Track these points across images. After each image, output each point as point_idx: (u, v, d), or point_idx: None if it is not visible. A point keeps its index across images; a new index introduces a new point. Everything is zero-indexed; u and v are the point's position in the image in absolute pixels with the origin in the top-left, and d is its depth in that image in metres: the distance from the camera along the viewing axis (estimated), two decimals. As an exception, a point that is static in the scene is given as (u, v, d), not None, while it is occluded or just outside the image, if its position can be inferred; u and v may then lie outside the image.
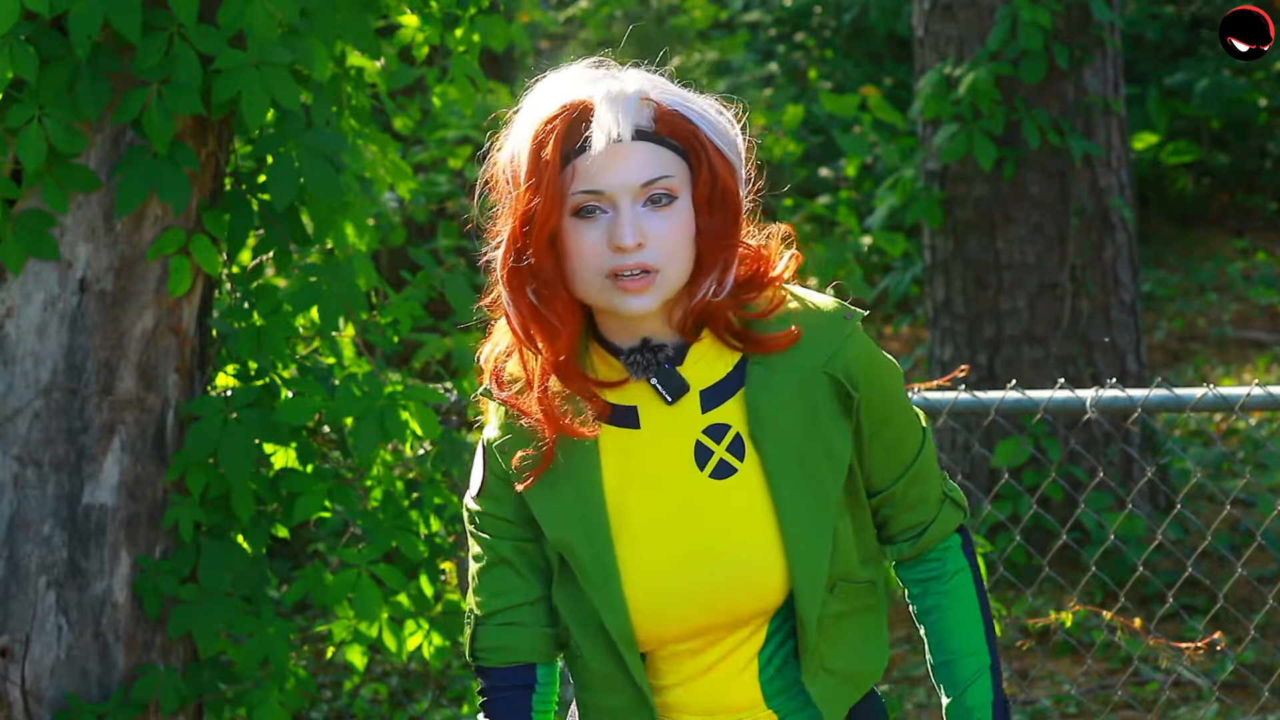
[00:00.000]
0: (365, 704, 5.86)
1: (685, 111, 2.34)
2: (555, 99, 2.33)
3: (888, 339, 9.61)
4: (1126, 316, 6.92)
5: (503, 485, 2.42)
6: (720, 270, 2.36)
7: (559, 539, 2.37)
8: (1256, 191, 10.69)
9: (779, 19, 11.13)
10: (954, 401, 4.39)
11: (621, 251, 2.29)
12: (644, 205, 2.31)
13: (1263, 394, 4.25)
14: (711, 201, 2.34)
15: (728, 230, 2.35)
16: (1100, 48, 6.84)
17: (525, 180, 2.31)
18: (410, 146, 8.31)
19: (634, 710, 2.40)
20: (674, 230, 2.31)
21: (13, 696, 3.92)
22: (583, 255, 2.31)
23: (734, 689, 2.41)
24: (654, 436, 2.38)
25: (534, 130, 2.32)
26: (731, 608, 2.37)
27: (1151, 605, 6.20)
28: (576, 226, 2.31)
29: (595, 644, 2.38)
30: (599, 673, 2.40)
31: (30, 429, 3.92)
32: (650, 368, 2.37)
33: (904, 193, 7.05)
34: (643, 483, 2.37)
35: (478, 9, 4.51)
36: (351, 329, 4.26)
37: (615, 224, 2.30)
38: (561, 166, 2.30)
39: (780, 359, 2.39)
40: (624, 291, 2.30)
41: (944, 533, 2.51)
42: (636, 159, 2.30)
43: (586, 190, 2.30)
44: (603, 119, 2.29)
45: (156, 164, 3.81)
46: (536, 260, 2.31)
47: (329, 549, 6.06)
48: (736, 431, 2.38)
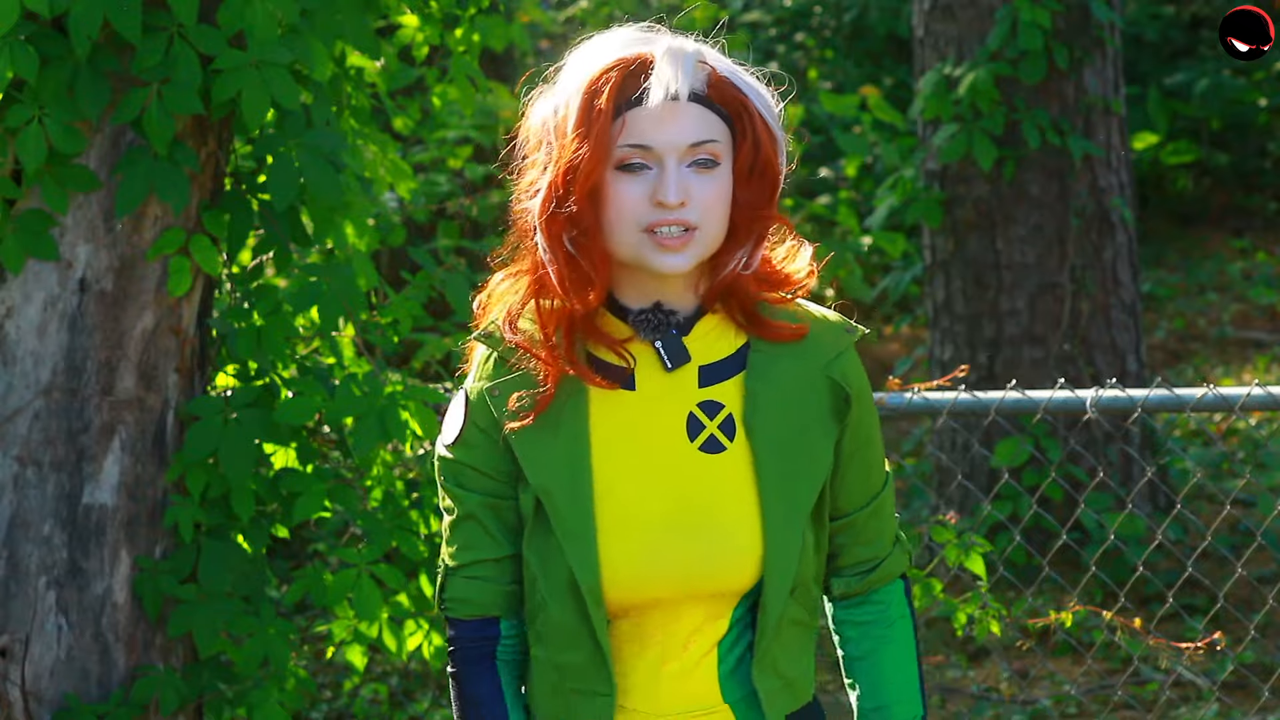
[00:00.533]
0: (365, 704, 5.86)
1: (736, 80, 2.36)
2: (611, 52, 2.35)
3: (888, 339, 9.61)
4: (1126, 316, 6.92)
5: (482, 436, 2.41)
6: (753, 242, 2.38)
7: (540, 484, 2.36)
8: (1256, 191, 10.69)
9: (779, 19, 11.13)
10: (954, 401, 4.39)
11: (663, 208, 2.31)
12: (688, 166, 2.32)
13: (1263, 394, 4.25)
14: (752, 172, 2.36)
15: (764, 202, 2.37)
16: (1100, 48, 6.84)
17: (574, 129, 2.32)
18: (410, 146, 8.31)
19: (591, 668, 2.39)
20: (715, 194, 2.33)
21: (13, 696, 3.92)
22: (622, 209, 2.32)
23: (692, 681, 2.41)
24: (648, 400, 2.39)
25: (588, 80, 2.33)
26: (701, 581, 2.36)
27: (1151, 605, 6.19)
28: (619, 179, 2.32)
29: (562, 597, 2.37)
30: (562, 627, 2.39)
31: (30, 429, 3.92)
32: (659, 329, 2.38)
33: (904, 193, 7.05)
34: (631, 443, 2.38)
35: (478, 9, 4.51)
36: (351, 329, 4.26)
37: (661, 180, 2.31)
38: (613, 118, 2.31)
39: (783, 352, 2.41)
40: (661, 248, 2.32)
41: (891, 574, 2.51)
42: (688, 119, 2.32)
43: (635, 144, 2.31)
44: (663, 74, 2.31)
45: (156, 164, 3.81)
46: (579, 209, 2.32)
47: (329, 549, 6.06)
48: (730, 412, 2.39)
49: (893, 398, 4.38)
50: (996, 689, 5.94)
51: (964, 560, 4.16)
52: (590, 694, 2.40)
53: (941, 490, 6.84)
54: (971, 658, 6.21)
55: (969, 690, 5.91)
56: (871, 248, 9.01)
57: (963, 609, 4.19)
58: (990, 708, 5.76)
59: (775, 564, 2.37)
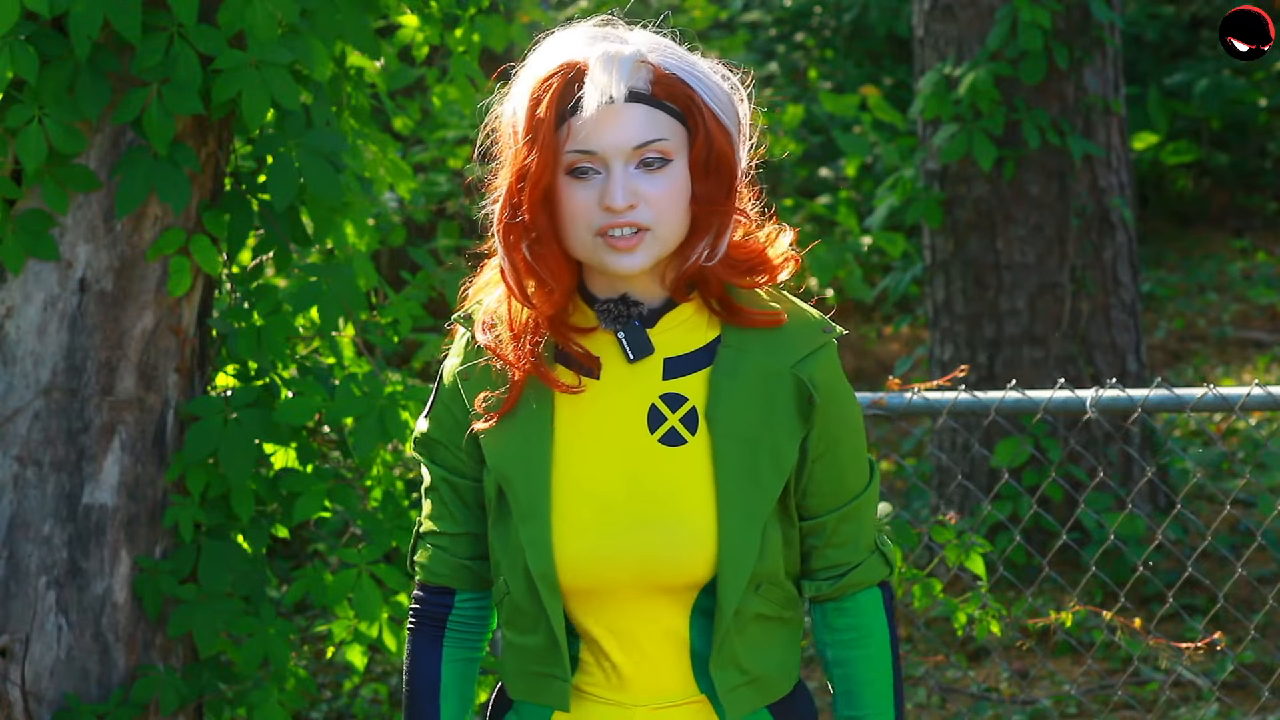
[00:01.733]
0: (365, 704, 5.86)
1: (683, 75, 2.36)
2: (555, 58, 2.37)
3: (888, 339, 9.61)
4: (1126, 316, 6.92)
5: (448, 412, 2.47)
6: (714, 234, 2.39)
7: (500, 470, 2.41)
8: (1256, 191, 10.69)
9: (779, 19, 11.12)
10: (954, 401, 4.39)
11: (612, 212, 2.33)
12: (636, 167, 2.34)
13: (1263, 394, 4.25)
14: (707, 166, 2.37)
15: (722, 195, 2.38)
16: (1100, 48, 6.84)
17: (523, 137, 2.35)
18: (410, 146, 8.31)
19: (549, 652, 2.42)
20: (666, 192, 2.34)
21: (13, 696, 3.92)
22: (574, 214, 2.34)
23: (666, 673, 2.43)
24: (610, 391, 2.41)
25: (532, 88, 2.35)
26: (656, 572, 2.38)
27: (1151, 605, 6.19)
28: (570, 185, 2.35)
29: (520, 582, 2.41)
30: (523, 611, 2.43)
31: (30, 429, 3.92)
32: (620, 319, 2.41)
33: (904, 193, 7.05)
34: (592, 433, 2.40)
35: (478, 9, 4.51)
36: (351, 329, 4.26)
37: (607, 185, 2.33)
38: (557, 125, 2.33)
39: (754, 347, 2.42)
40: (614, 249, 2.34)
41: (866, 581, 2.50)
42: (630, 121, 2.33)
43: (579, 150, 2.33)
44: (596, 80, 2.32)
45: (156, 164, 3.81)
46: (530, 217, 2.35)
47: (329, 549, 6.06)
48: (693, 406, 2.40)
49: (893, 398, 4.38)
50: (996, 689, 5.94)
51: (964, 560, 4.16)
52: (549, 677, 2.43)
53: (941, 490, 6.84)
54: (971, 658, 6.21)
55: (969, 690, 5.91)
56: (871, 248, 9.01)
57: (963, 609, 4.19)
58: (990, 708, 5.76)
59: (730, 558, 2.37)
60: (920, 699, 5.88)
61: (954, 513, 4.33)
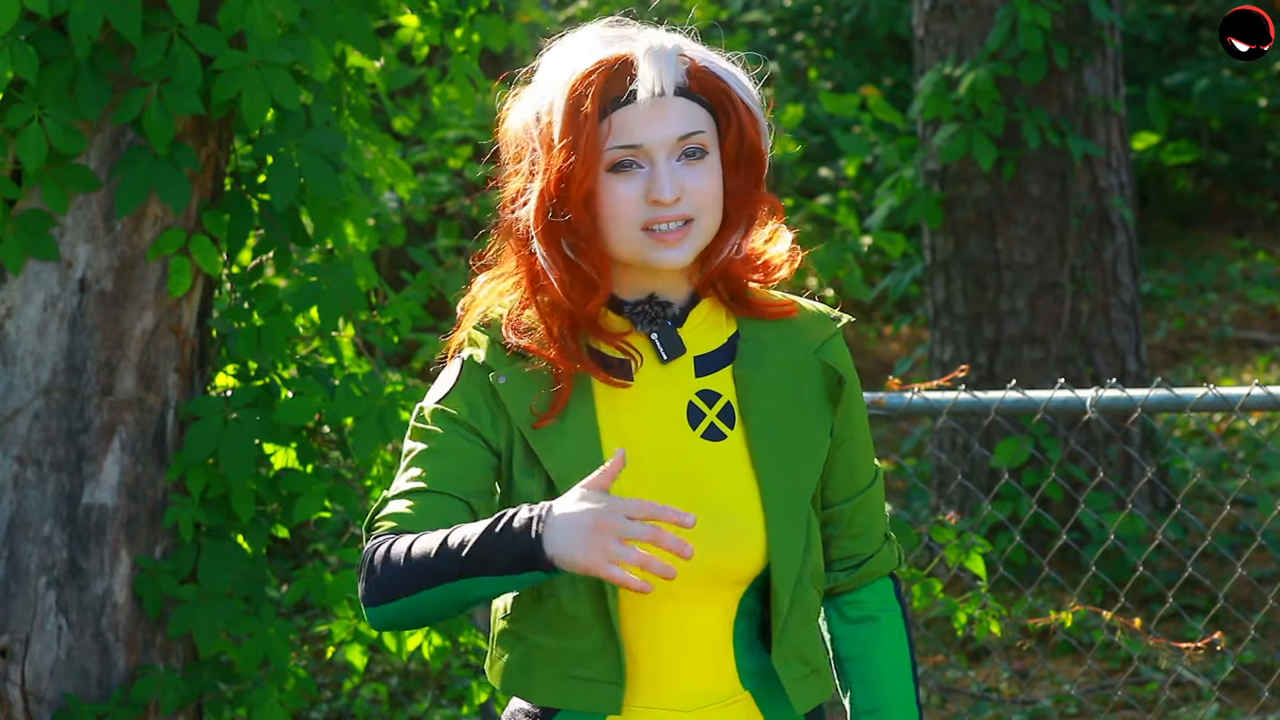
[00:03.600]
0: (365, 704, 5.86)
1: (716, 69, 2.37)
2: (589, 54, 2.33)
3: (888, 339, 9.61)
4: (1126, 316, 6.92)
5: (470, 399, 2.37)
6: (745, 227, 2.39)
7: (559, 470, 2.34)
8: (1256, 191, 10.69)
9: (779, 19, 11.12)
10: (954, 401, 4.39)
11: (660, 205, 2.31)
12: (678, 159, 2.33)
13: (1263, 394, 4.25)
14: (739, 159, 2.37)
15: (753, 187, 2.38)
16: (1100, 48, 6.84)
17: (561, 136, 2.31)
18: (410, 146, 8.31)
19: (602, 657, 2.37)
20: (708, 183, 2.34)
21: (13, 696, 3.92)
22: (618, 210, 2.32)
23: (709, 672, 2.40)
24: (647, 390, 2.39)
25: (570, 85, 2.31)
26: (709, 566, 2.35)
27: (1151, 605, 6.19)
28: (611, 181, 2.32)
29: (574, 586, 2.34)
30: (573, 617, 2.36)
31: (30, 429, 3.92)
32: (655, 321, 2.39)
33: (904, 193, 7.05)
34: (636, 434, 2.38)
35: (478, 9, 4.51)
36: (351, 329, 4.26)
37: (654, 178, 2.31)
38: (599, 120, 2.31)
39: (771, 339, 2.42)
40: (661, 244, 2.33)
41: (879, 570, 2.50)
42: (673, 114, 2.32)
43: (625, 145, 2.31)
44: (646, 74, 2.30)
45: (156, 164, 3.81)
46: (575, 217, 2.32)
47: (329, 549, 6.06)
48: (727, 400, 2.40)
49: (893, 398, 4.38)
50: (996, 689, 5.94)
51: (964, 560, 4.16)
52: (598, 682, 2.38)
53: (941, 490, 6.84)
54: (971, 658, 6.21)
55: (969, 690, 5.91)
56: (871, 248, 9.01)
57: (963, 609, 4.19)
58: (990, 708, 5.76)
59: (780, 548, 2.37)
60: (920, 699, 5.87)
61: (954, 513, 4.33)
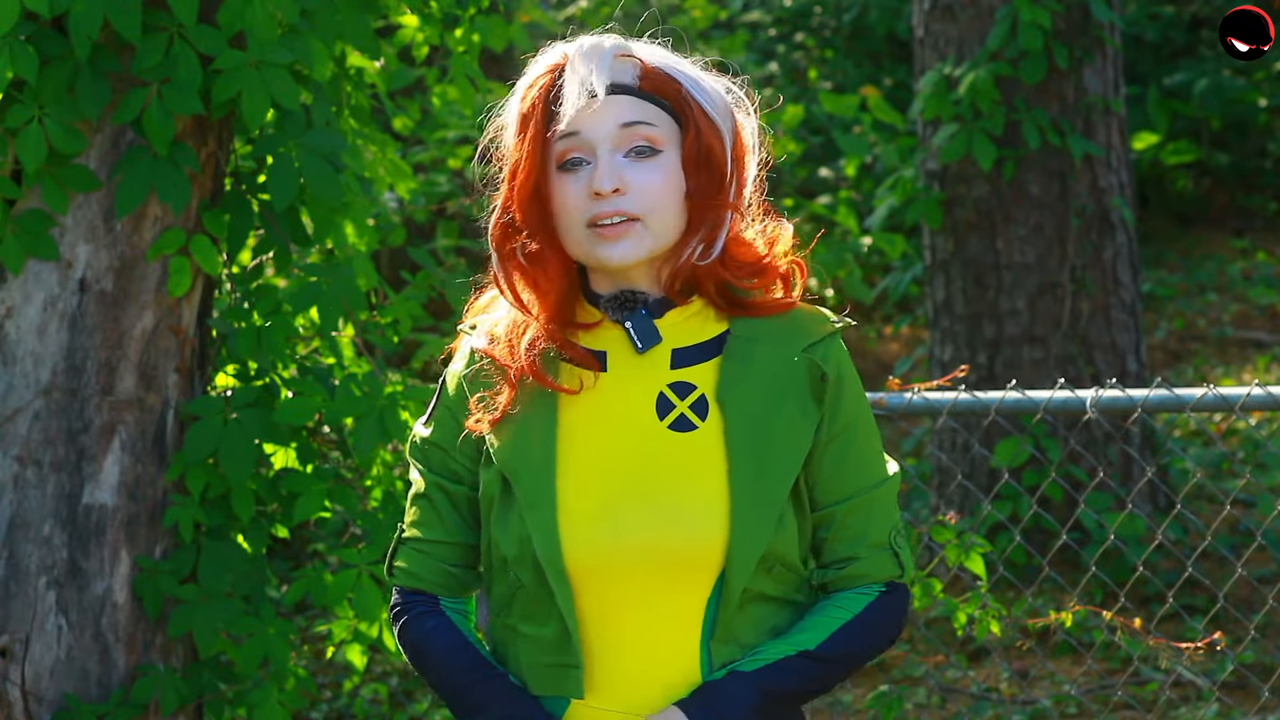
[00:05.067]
0: (365, 704, 5.86)
1: (670, 71, 2.39)
2: (543, 63, 2.42)
3: (888, 339, 9.61)
4: (1126, 316, 6.92)
5: (450, 416, 2.49)
6: (707, 230, 2.40)
7: (506, 463, 2.41)
8: (1256, 191, 10.69)
9: (779, 19, 11.13)
10: (954, 401, 4.39)
11: (599, 198, 2.34)
12: (625, 155, 2.35)
13: (1263, 394, 4.25)
14: (698, 161, 2.38)
15: (713, 191, 2.39)
16: (1100, 48, 6.84)
17: (514, 139, 2.39)
18: (410, 146, 8.31)
19: (560, 642, 2.42)
20: (656, 182, 2.36)
21: (13, 696, 3.92)
22: (565, 206, 2.36)
23: (674, 661, 2.41)
24: (618, 381, 2.42)
25: (521, 91, 2.41)
26: (669, 557, 2.37)
27: (1151, 605, 6.19)
28: (560, 180, 2.37)
29: (531, 571, 2.41)
30: (538, 601, 2.42)
31: (30, 429, 3.92)
32: (625, 308, 2.42)
33: (904, 193, 7.05)
34: (599, 422, 2.41)
35: (478, 9, 4.51)
36: (351, 329, 4.26)
37: (594, 171, 2.35)
38: (546, 122, 2.36)
39: (763, 336, 2.43)
40: (601, 239, 2.35)
41: (870, 575, 2.47)
42: (614, 105, 2.36)
43: (566, 132, 2.35)
44: (576, 69, 2.36)
45: (156, 164, 3.81)
46: (522, 215, 2.38)
47: (329, 549, 6.06)
48: (702, 393, 2.41)
49: (893, 398, 4.38)
50: (996, 689, 5.94)
51: (964, 560, 4.16)
52: (563, 666, 2.43)
53: (941, 490, 6.84)
54: (971, 658, 6.21)
55: (969, 690, 5.91)
56: (871, 248, 9.01)
57: (963, 609, 4.19)
58: (990, 708, 5.76)
59: (741, 537, 2.37)
60: (920, 699, 5.88)
61: (954, 513, 4.33)
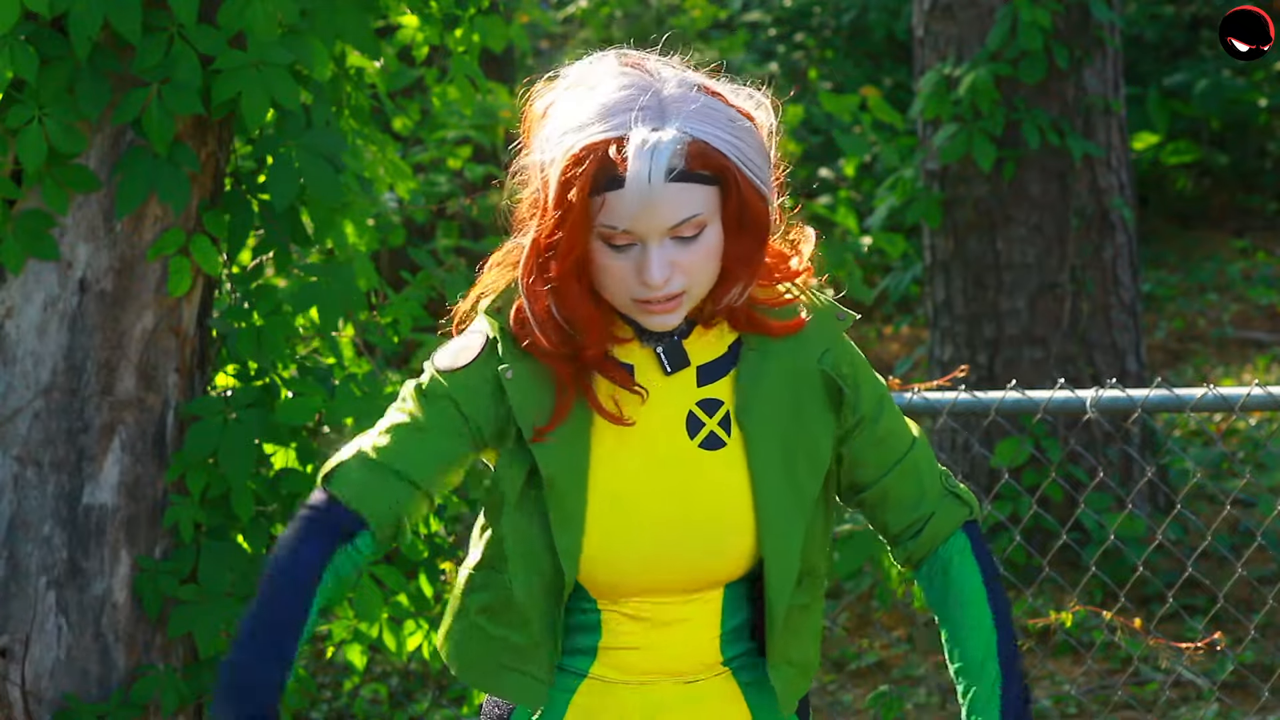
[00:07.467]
0: (365, 704, 5.86)
1: (717, 143, 2.30)
2: (589, 128, 2.29)
3: (888, 339, 9.61)
4: (1126, 316, 6.92)
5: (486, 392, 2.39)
6: (744, 283, 2.38)
7: (549, 472, 2.37)
8: (1256, 191, 10.69)
9: (779, 19, 11.13)
10: (954, 401, 4.39)
11: (649, 288, 2.31)
12: (672, 239, 2.31)
13: (1263, 394, 4.25)
14: (741, 224, 2.34)
15: (755, 251, 2.36)
16: (1100, 48, 6.84)
17: (553, 208, 2.30)
18: (410, 146, 8.31)
19: (535, 653, 2.42)
20: (701, 258, 2.32)
21: (13, 696, 3.92)
22: (609, 280, 2.32)
23: (693, 652, 2.44)
24: (649, 400, 2.40)
25: (564, 162, 2.28)
26: (693, 571, 2.39)
27: (1151, 605, 6.19)
28: (604, 250, 2.31)
29: (530, 581, 2.39)
30: (518, 609, 2.41)
31: (30, 429, 3.92)
32: (659, 336, 2.40)
33: (904, 193, 7.05)
34: (633, 441, 2.39)
35: (477, 9, 4.51)
36: (351, 329, 4.26)
37: (644, 261, 2.29)
38: (590, 200, 2.28)
39: (775, 348, 2.43)
40: (650, 313, 2.34)
41: (946, 528, 2.50)
42: (665, 203, 2.28)
43: (613, 227, 2.29)
44: (637, 169, 2.25)
45: (156, 164, 3.81)
46: (561, 286, 2.32)
47: (329, 549, 6.05)
48: (727, 409, 2.41)
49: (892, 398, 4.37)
50: (996, 689, 5.93)
51: (964, 560, 4.15)
52: (527, 676, 2.42)
53: (941, 490, 6.82)
54: (971, 658, 6.19)
55: (969, 690, 5.90)
56: (871, 248, 9.00)
57: (963, 609, 4.18)
58: (990, 708, 5.75)
59: (775, 557, 2.39)
60: (920, 699, 5.88)
61: (954, 513, 4.32)
